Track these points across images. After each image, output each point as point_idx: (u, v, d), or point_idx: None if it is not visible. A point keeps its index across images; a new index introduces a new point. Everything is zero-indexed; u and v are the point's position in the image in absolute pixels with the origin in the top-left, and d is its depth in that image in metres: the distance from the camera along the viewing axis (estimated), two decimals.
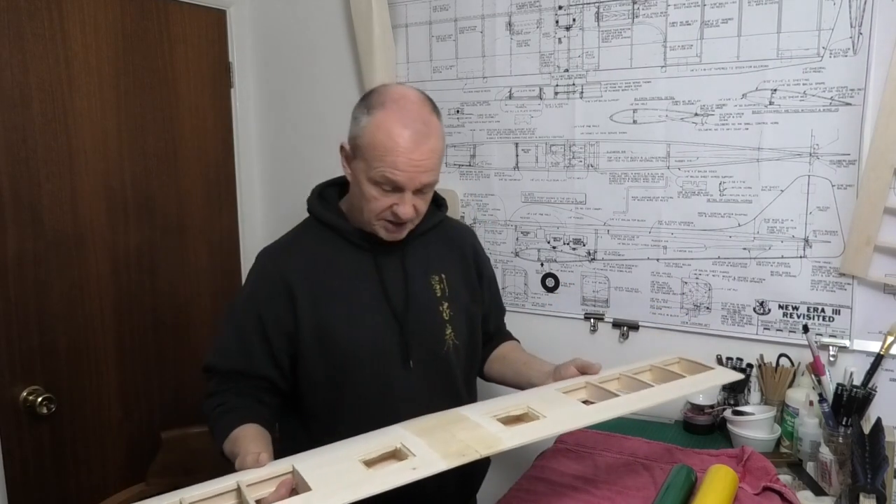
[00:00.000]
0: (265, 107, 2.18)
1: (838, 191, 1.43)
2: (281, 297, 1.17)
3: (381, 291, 1.20)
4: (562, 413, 1.01)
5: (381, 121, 1.09)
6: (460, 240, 1.36)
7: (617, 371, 1.22)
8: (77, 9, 1.67)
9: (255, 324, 1.18)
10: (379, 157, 1.08)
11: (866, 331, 1.44)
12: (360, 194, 1.14)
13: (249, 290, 1.21)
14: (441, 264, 1.28)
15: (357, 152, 1.13)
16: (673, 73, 1.56)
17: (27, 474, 1.62)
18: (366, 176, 1.11)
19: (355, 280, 1.19)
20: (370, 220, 1.15)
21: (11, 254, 1.57)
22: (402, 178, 1.09)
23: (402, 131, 1.08)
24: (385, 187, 1.11)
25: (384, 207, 1.12)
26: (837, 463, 1.23)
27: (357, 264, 1.20)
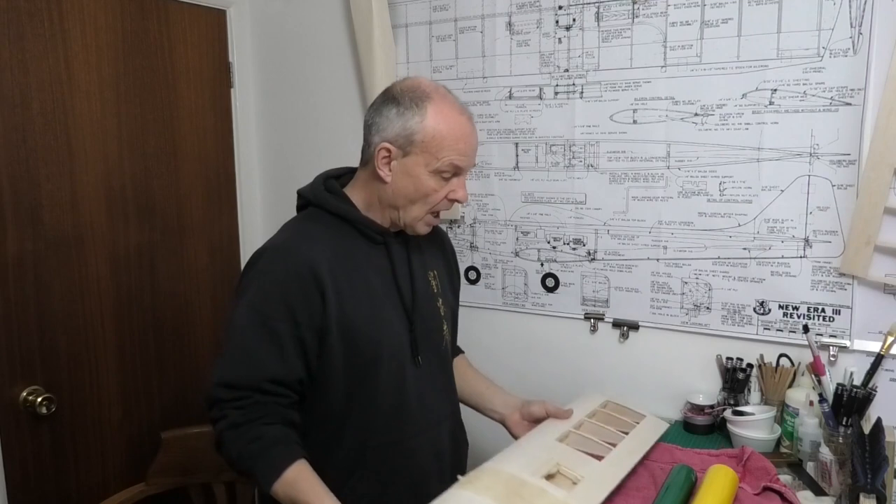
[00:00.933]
0: (265, 107, 2.18)
1: (838, 191, 1.43)
2: (313, 291, 1.10)
3: (395, 286, 1.19)
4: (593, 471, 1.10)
5: (438, 112, 1.12)
6: (442, 241, 1.39)
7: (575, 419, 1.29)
8: (77, 9, 1.67)
9: (287, 323, 1.09)
10: (448, 146, 1.11)
11: (866, 331, 1.43)
12: (414, 191, 1.14)
13: (275, 288, 1.10)
14: (433, 262, 1.31)
15: (414, 148, 1.12)
16: (673, 73, 1.56)
17: (27, 474, 1.62)
18: (427, 169, 1.12)
19: (372, 274, 1.17)
20: (420, 215, 1.16)
21: (11, 254, 1.57)
22: (466, 163, 1.14)
23: (461, 118, 1.14)
24: (446, 175, 1.13)
25: (441, 198, 1.15)
26: (837, 463, 1.23)
27: (373, 257, 1.18)
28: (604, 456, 1.16)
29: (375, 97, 1.21)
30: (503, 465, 1.06)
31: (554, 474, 1.06)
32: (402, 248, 1.23)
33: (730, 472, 1.14)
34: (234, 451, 1.06)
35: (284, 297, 1.09)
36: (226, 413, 1.07)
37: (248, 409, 1.07)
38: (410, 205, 1.16)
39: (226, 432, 1.07)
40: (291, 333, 1.09)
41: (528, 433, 1.26)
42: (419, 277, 1.24)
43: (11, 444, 1.58)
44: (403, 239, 1.23)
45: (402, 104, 1.13)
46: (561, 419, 1.27)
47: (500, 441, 1.33)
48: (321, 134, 2.10)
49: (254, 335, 1.09)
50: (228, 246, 2.13)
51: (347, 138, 2.03)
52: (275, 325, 1.08)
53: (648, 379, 1.67)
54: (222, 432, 1.07)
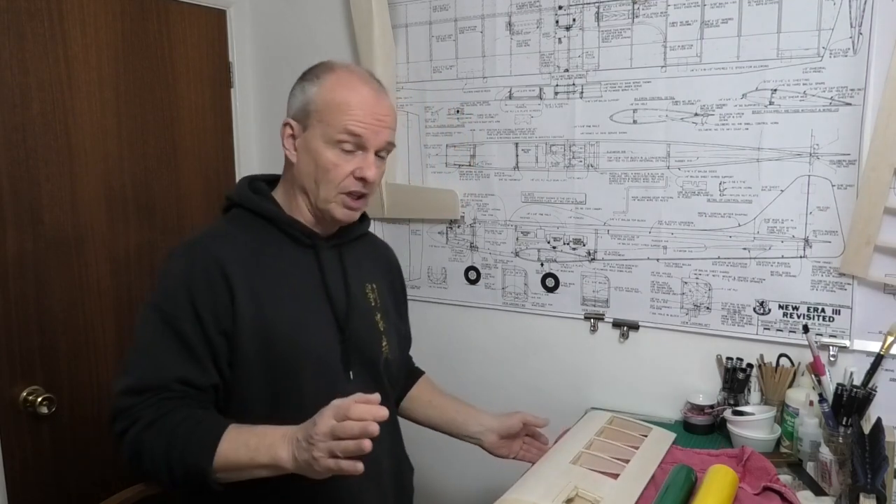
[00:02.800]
0: (265, 107, 2.18)
1: (838, 191, 1.43)
2: (218, 288, 1.02)
3: (324, 292, 1.11)
4: (611, 490, 1.13)
5: (336, 81, 1.08)
6: (385, 255, 1.33)
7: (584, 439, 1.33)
8: (77, 9, 1.67)
9: (193, 324, 1.00)
10: (342, 111, 1.05)
11: (866, 331, 1.43)
12: (315, 167, 1.07)
13: (180, 286, 1.02)
14: (371, 275, 1.23)
15: (310, 118, 1.07)
16: (673, 73, 1.56)
17: (27, 474, 1.62)
18: (324, 140, 1.06)
19: (298, 278, 1.09)
20: (327, 196, 1.08)
21: (11, 254, 1.57)
22: (366, 132, 1.06)
23: (362, 87, 1.08)
24: (346, 146, 1.06)
25: (346, 174, 1.07)
26: (837, 463, 1.23)
27: (299, 261, 1.11)
28: (618, 474, 1.18)
29: None
30: (524, 495, 1.08)
31: (573, 498, 1.09)
32: (335, 255, 1.16)
33: (730, 472, 1.14)
34: (158, 450, 0.93)
35: (189, 295, 1.01)
36: (135, 418, 0.97)
37: (160, 405, 0.97)
38: (316, 185, 1.08)
39: (142, 434, 0.95)
40: (199, 334, 1.00)
41: (541, 459, 1.27)
42: (354, 287, 1.16)
43: (11, 444, 1.58)
44: (336, 245, 1.16)
45: (305, 79, 1.11)
46: (538, 425, 1.27)
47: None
48: None
49: (158, 336, 1.00)
50: None
51: None
52: (180, 325, 1.00)
53: (648, 379, 1.68)
54: (138, 436, 0.95)
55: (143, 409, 0.97)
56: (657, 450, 1.30)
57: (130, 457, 0.97)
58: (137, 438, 0.96)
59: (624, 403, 1.69)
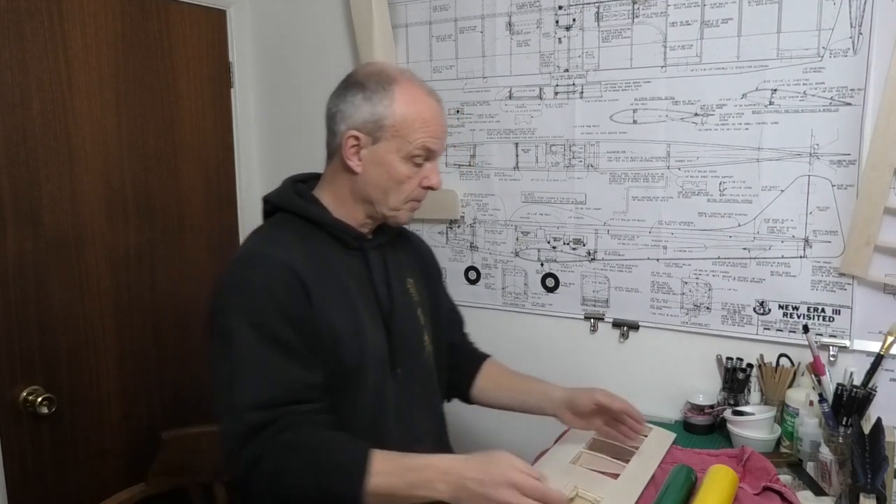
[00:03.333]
0: (265, 107, 2.18)
1: (838, 191, 1.43)
2: (299, 293, 1.02)
3: (373, 293, 1.13)
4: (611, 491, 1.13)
5: (408, 95, 1.07)
6: (419, 247, 1.34)
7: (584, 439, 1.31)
8: (77, 9, 1.67)
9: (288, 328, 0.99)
10: (420, 128, 1.07)
11: (866, 331, 1.43)
12: (387, 179, 1.08)
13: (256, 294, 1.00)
14: (410, 270, 1.24)
15: (384, 133, 1.07)
16: (673, 73, 1.56)
17: (27, 474, 1.62)
18: (400, 154, 1.08)
19: (350, 281, 1.10)
20: (397, 206, 1.11)
21: (11, 254, 1.57)
22: (438, 145, 1.10)
23: (430, 100, 1.10)
24: (418, 160, 1.09)
25: (415, 185, 1.11)
26: (837, 463, 1.23)
27: (348, 263, 1.12)
28: (618, 474, 1.18)
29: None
30: None
31: (573, 498, 1.09)
32: (379, 255, 1.17)
33: (730, 472, 1.14)
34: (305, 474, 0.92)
35: (276, 303, 1.00)
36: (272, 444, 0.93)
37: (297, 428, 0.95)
38: (385, 196, 1.10)
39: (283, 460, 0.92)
40: (296, 336, 1.00)
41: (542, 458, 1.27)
42: (397, 284, 1.17)
43: (11, 444, 1.58)
44: (379, 246, 1.18)
45: (367, 88, 1.08)
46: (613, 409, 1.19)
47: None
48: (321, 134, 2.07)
49: (261, 349, 0.98)
50: (228, 246, 2.13)
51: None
52: (277, 333, 0.99)
53: (648, 379, 1.68)
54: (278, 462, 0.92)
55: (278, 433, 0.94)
56: (657, 450, 1.30)
57: (270, 484, 0.93)
58: (278, 467, 0.93)
59: None
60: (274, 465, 0.93)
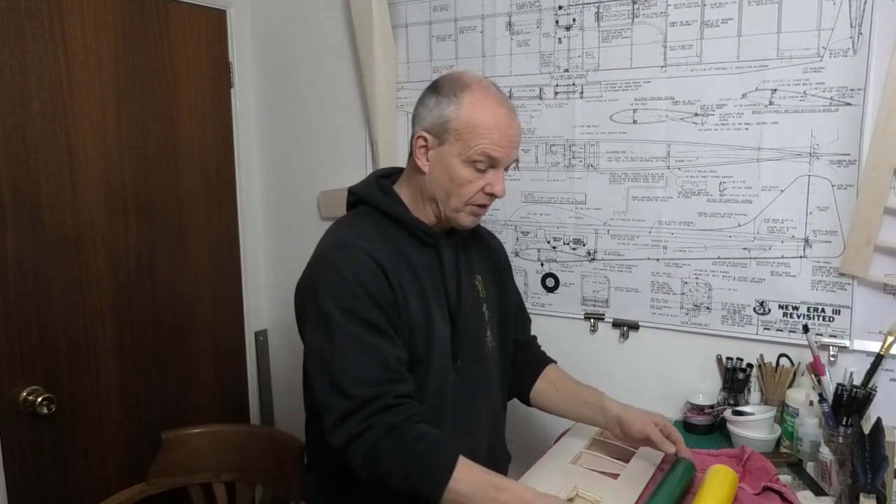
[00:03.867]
0: (265, 107, 2.18)
1: (838, 191, 1.43)
2: (384, 282, 1.08)
3: (443, 288, 1.18)
4: (611, 491, 1.13)
5: (476, 101, 1.11)
6: (491, 244, 1.38)
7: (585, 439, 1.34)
8: (77, 9, 1.67)
9: (379, 313, 1.06)
10: (481, 134, 1.10)
11: (866, 331, 1.43)
12: (448, 181, 1.13)
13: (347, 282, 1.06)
14: (479, 266, 1.29)
15: (448, 136, 1.12)
16: (673, 73, 1.56)
17: (27, 474, 1.62)
18: (461, 158, 1.11)
19: (424, 276, 1.16)
20: (458, 207, 1.14)
21: (11, 254, 1.57)
22: (501, 154, 1.11)
23: (499, 108, 1.12)
24: (480, 166, 1.11)
25: (477, 190, 1.13)
26: (837, 463, 1.23)
27: (423, 258, 1.17)
28: (618, 474, 1.18)
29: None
30: None
31: (573, 498, 1.10)
32: (452, 253, 1.22)
33: (730, 472, 1.14)
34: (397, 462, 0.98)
35: (365, 289, 1.06)
36: (372, 422, 1.00)
37: (398, 409, 1.01)
38: (447, 197, 1.14)
39: (381, 441, 0.99)
40: (387, 318, 1.07)
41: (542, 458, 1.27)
42: (465, 281, 1.23)
43: (11, 444, 1.58)
44: (453, 244, 1.23)
45: (441, 93, 1.13)
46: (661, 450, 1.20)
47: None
48: (321, 134, 2.10)
49: (357, 331, 1.04)
50: (228, 246, 2.13)
51: (348, 138, 2.03)
52: (370, 317, 1.05)
53: (648, 379, 1.67)
54: (376, 442, 0.99)
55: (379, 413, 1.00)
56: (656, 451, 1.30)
57: (365, 458, 1.00)
58: (376, 445, 0.99)
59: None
60: (373, 442, 0.99)
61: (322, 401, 1.04)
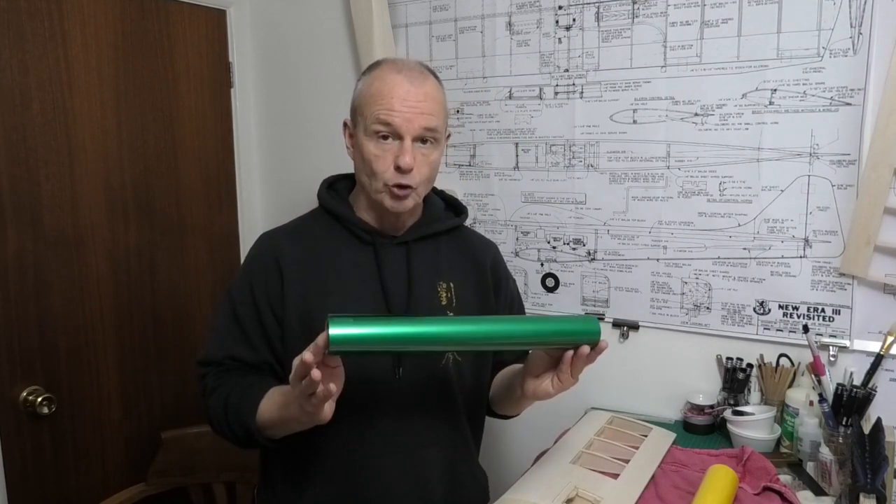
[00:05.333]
0: (265, 107, 2.18)
1: (838, 191, 1.43)
2: (272, 275, 1.12)
3: (381, 291, 1.11)
4: (611, 491, 1.13)
5: (375, 74, 1.10)
6: (479, 251, 1.26)
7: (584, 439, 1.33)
8: (77, 9, 1.67)
9: (249, 307, 1.13)
10: (375, 101, 1.06)
11: (866, 331, 1.43)
12: (362, 160, 1.09)
13: (245, 271, 1.16)
14: (451, 272, 1.19)
15: (356, 115, 1.11)
16: (673, 73, 1.56)
17: (27, 474, 1.62)
18: (365, 132, 1.08)
19: (354, 275, 1.12)
20: (377, 187, 1.08)
21: (11, 254, 1.57)
22: (397, 120, 1.05)
23: (396, 76, 1.08)
24: (383, 134, 1.06)
25: (388, 166, 1.06)
26: (837, 463, 1.23)
27: (357, 258, 1.13)
28: (618, 474, 1.18)
29: None
30: (523, 496, 1.09)
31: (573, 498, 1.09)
32: (401, 252, 1.15)
33: (730, 472, 1.14)
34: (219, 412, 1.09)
35: (249, 280, 1.14)
36: (204, 386, 1.14)
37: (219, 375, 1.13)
38: (367, 179, 1.10)
39: (209, 401, 1.12)
40: (253, 316, 1.13)
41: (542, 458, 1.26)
42: (421, 286, 1.14)
43: (11, 444, 1.58)
44: (403, 243, 1.15)
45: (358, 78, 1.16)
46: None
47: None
48: (321, 134, 2.09)
49: (223, 317, 1.15)
50: (228, 246, 2.13)
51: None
52: (238, 308, 1.13)
53: (648, 379, 1.68)
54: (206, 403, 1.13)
55: (208, 379, 1.14)
56: (657, 450, 1.30)
57: (209, 422, 1.14)
58: (206, 405, 1.13)
59: (624, 403, 1.68)
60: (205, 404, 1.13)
61: None
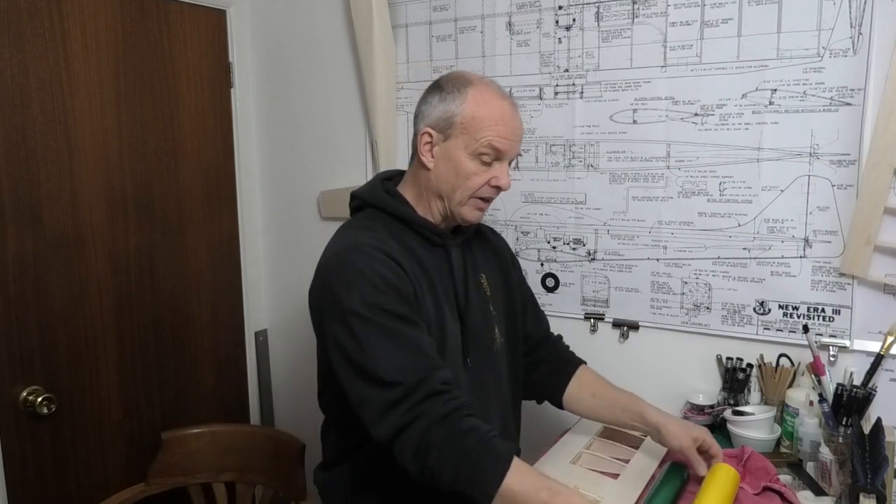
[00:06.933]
0: (265, 107, 2.18)
1: (838, 191, 1.43)
2: (403, 276, 1.09)
3: (452, 287, 1.20)
4: (611, 491, 1.13)
5: (480, 95, 1.14)
6: (496, 242, 1.39)
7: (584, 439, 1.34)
8: (77, 9, 1.67)
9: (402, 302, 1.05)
10: (487, 126, 1.12)
11: (866, 331, 1.43)
12: (454, 175, 1.14)
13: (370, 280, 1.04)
14: (484, 264, 1.31)
15: (454, 130, 1.14)
16: (673, 73, 1.56)
17: (27, 474, 1.62)
18: (467, 151, 1.13)
19: (434, 275, 1.18)
20: (462, 201, 1.16)
21: (11, 254, 1.57)
22: (506, 146, 1.14)
23: (503, 102, 1.15)
24: (486, 158, 1.13)
25: (482, 183, 1.15)
26: (837, 463, 1.23)
27: (432, 258, 1.19)
28: (618, 474, 1.18)
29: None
30: None
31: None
32: (460, 252, 1.23)
33: (731, 470, 1.14)
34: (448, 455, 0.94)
35: (387, 283, 1.05)
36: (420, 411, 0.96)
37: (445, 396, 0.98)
38: (453, 191, 1.16)
39: (433, 431, 0.95)
40: (412, 313, 1.06)
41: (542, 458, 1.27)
42: (472, 280, 1.24)
43: (11, 444, 1.58)
44: (461, 243, 1.24)
45: (444, 90, 1.16)
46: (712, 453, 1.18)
47: None
48: (321, 134, 2.09)
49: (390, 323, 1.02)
50: (228, 246, 2.13)
51: (347, 138, 2.03)
52: (396, 308, 1.04)
53: (648, 379, 1.67)
54: (427, 433, 0.95)
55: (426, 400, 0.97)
56: (657, 450, 1.30)
57: (415, 451, 0.96)
58: (427, 436, 0.95)
59: None
60: (423, 434, 0.95)
61: (358, 398, 1.01)
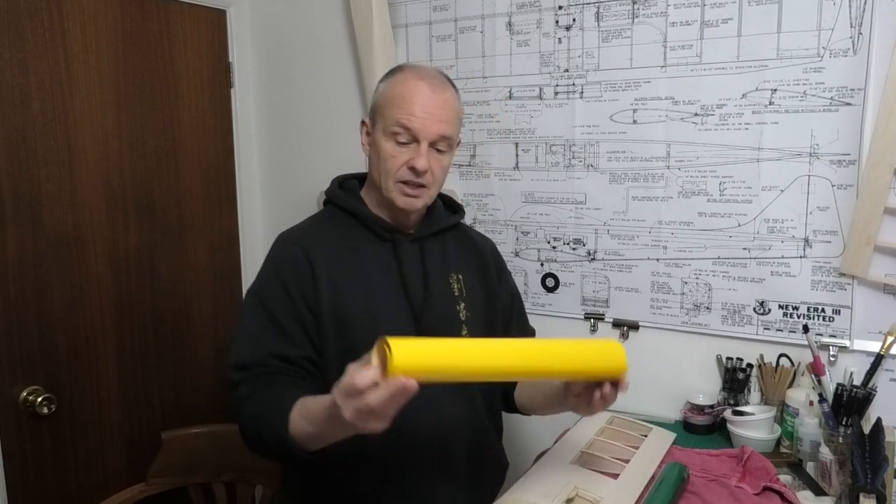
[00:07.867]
0: (265, 107, 2.18)
1: (838, 191, 1.43)
2: (303, 271, 1.14)
3: (401, 284, 1.18)
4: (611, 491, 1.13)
5: (398, 78, 1.16)
6: (479, 244, 1.36)
7: (585, 439, 1.32)
8: (77, 9, 1.67)
9: (282, 302, 1.12)
10: (396, 105, 1.12)
11: (866, 331, 1.43)
12: (378, 158, 1.15)
13: (272, 271, 1.16)
14: (458, 264, 1.27)
15: (376, 114, 1.17)
16: (673, 73, 1.56)
17: (27, 474, 1.62)
18: (384, 133, 1.14)
19: (375, 270, 1.18)
20: (388, 185, 1.15)
21: (11, 254, 1.57)
22: (417, 125, 1.12)
23: (418, 82, 1.14)
24: (400, 138, 1.13)
25: (400, 164, 1.13)
26: (837, 463, 1.23)
27: (377, 254, 1.19)
28: (618, 474, 1.18)
29: None
30: (522, 496, 1.09)
31: (573, 498, 1.09)
32: (416, 248, 1.22)
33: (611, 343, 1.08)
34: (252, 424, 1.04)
35: (280, 278, 1.14)
36: (238, 393, 1.09)
37: (255, 381, 1.08)
38: (380, 177, 1.16)
39: (242, 410, 1.07)
40: (289, 311, 1.12)
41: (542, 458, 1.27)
42: (435, 278, 1.21)
43: (11, 444, 1.58)
44: (417, 239, 1.22)
45: (382, 80, 1.20)
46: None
47: None
48: (321, 134, 2.09)
49: (254, 317, 1.13)
50: (228, 246, 2.13)
51: (347, 138, 2.03)
52: (271, 304, 1.12)
53: (648, 379, 1.67)
54: (240, 412, 1.07)
55: (242, 387, 1.09)
56: (657, 450, 1.30)
57: (241, 433, 1.09)
58: (240, 414, 1.07)
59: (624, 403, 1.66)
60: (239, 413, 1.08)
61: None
